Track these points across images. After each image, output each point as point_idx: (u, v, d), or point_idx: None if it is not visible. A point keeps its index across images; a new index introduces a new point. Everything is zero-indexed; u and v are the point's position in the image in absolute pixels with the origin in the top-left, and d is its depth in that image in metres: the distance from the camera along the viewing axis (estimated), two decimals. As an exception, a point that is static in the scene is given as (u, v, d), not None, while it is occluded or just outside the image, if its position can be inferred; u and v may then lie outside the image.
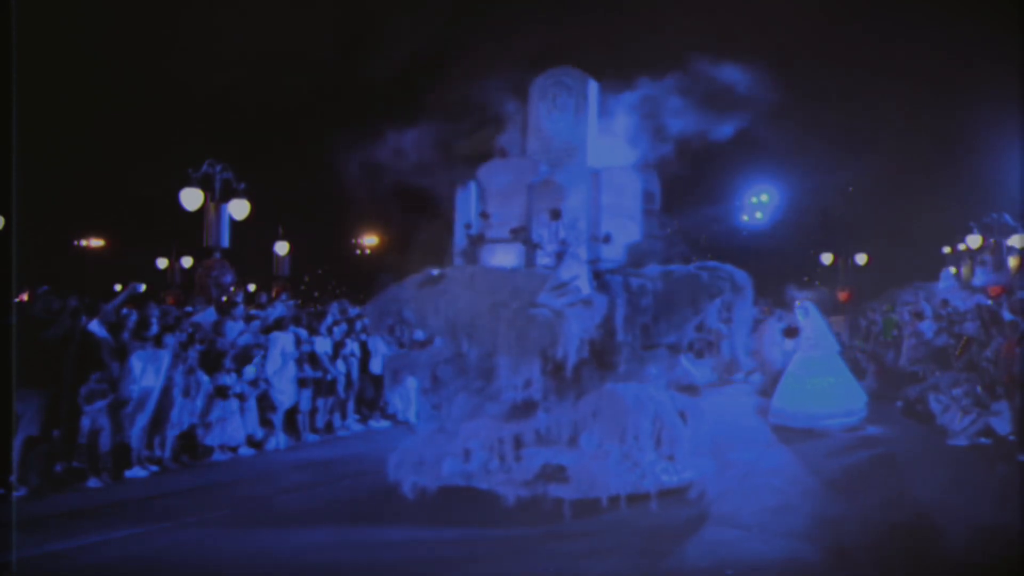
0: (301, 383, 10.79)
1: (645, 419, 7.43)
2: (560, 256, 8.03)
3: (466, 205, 8.85)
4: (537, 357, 7.31)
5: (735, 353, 16.13)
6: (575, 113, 8.82)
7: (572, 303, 7.50)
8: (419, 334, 10.84)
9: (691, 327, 8.48)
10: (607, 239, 8.42)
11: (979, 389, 10.06)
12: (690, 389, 8.35)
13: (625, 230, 8.76)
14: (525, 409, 7.58)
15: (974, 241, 23.86)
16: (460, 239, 8.78)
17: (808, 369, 11.45)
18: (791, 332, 12.25)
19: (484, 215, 8.69)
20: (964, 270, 25.92)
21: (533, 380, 7.40)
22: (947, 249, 29.09)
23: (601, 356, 7.82)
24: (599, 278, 8.02)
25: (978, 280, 22.82)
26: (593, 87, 8.94)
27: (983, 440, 9.67)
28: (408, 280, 8.22)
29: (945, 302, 15.29)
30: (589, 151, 8.79)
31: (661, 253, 8.77)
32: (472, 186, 8.89)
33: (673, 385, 8.33)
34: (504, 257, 8.51)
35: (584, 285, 7.74)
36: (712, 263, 8.39)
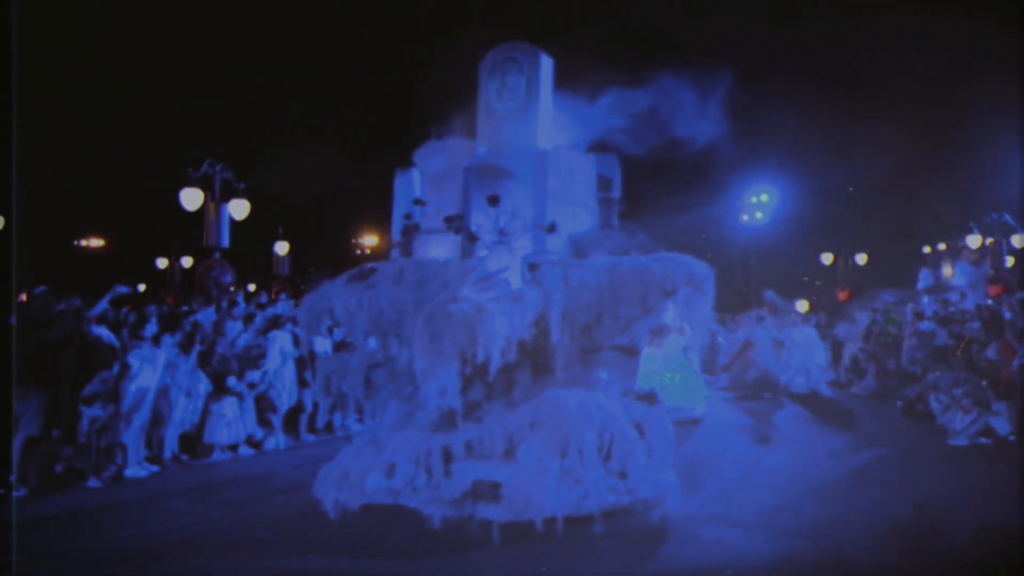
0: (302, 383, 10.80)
1: (590, 430, 6.57)
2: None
3: (406, 193, 8.09)
4: (455, 359, 6.50)
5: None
6: (527, 91, 8.01)
7: (498, 298, 6.71)
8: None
9: (644, 328, 7.44)
10: (552, 228, 7.59)
11: (984, 383, 10.05)
12: (649, 398, 7.77)
13: (575, 219, 7.95)
14: (454, 418, 6.81)
15: (974, 241, 23.83)
16: (398, 230, 8.05)
17: (648, 365, 11.30)
18: (660, 330, 12.15)
19: (419, 202, 7.91)
20: (945, 270, 25.97)
21: (449, 385, 6.59)
22: (927, 249, 29.12)
23: (537, 359, 7.03)
24: (535, 270, 7.18)
25: (957, 280, 22.83)
26: (547, 63, 8.12)
27: (983, 440, 9.67)
28: (342, 276, 7.49)
29: (946, 302, 15.28)
30: (541, 132, 8.00)
31: (617, 245, 7.83)
32: (413, 172, 8.13)
33: (630, 393, 7.54)
34: (439, 249, 7.75)
35: (514, 278, 6.97)
36: (667, 254, 7.47)
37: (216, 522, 6.91)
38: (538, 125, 8.05)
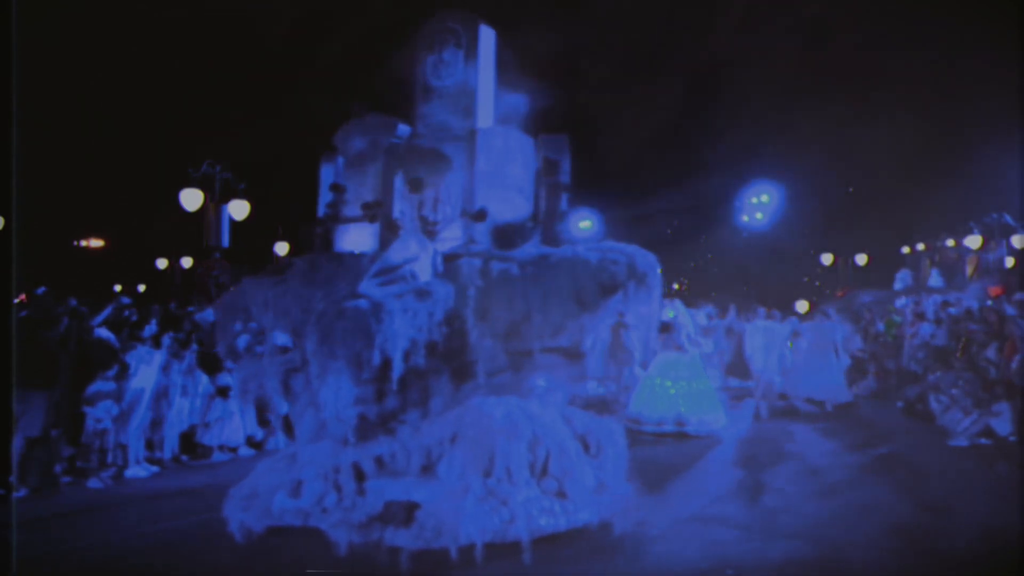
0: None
1: (518, 444, 5.82)
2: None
3: (331, 180, 7.47)
4: (348, 363, 5.82)
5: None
6: (465, 65, 7.34)
7: (401, 293, 6.01)
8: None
9: (586, 326, 6.68)
10: (481, 215, 6.89)
11: (983, 384, 10.06)
12: (601, 406, 7.13)
13: (510, 205, 7.24)
14: (365, 430, 6.08)
15: (974, 241, 23.86)
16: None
17: (666, 372, 10.85)
18: (662, 327, 11.17)
19: (336, 187, 7.23)
20: (924, 271, 26.08)
21: (342, 393, 5.91)
22: (906, 249, 29.17)
23: (456, 364, 6.27)
24: (453, 262, 6.43)
25: (933, 282, 22.90)
26: (488, 34, 7.44)
27: (983, 440, 9.67)
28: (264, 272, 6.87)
29: (946, 303, 15.28)
30: (480, 110, 7.33)
31: (558, 234, 7.24)
32: (339, 158, 7.50)
33: (578, 401, 6.92)
34: (361, 239, 7.11)
35: (423, 270, 6.24)
36: (608, 244, 6.69)
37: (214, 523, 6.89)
38: (477, 103, 7.37)
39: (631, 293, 6.42)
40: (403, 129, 7.34)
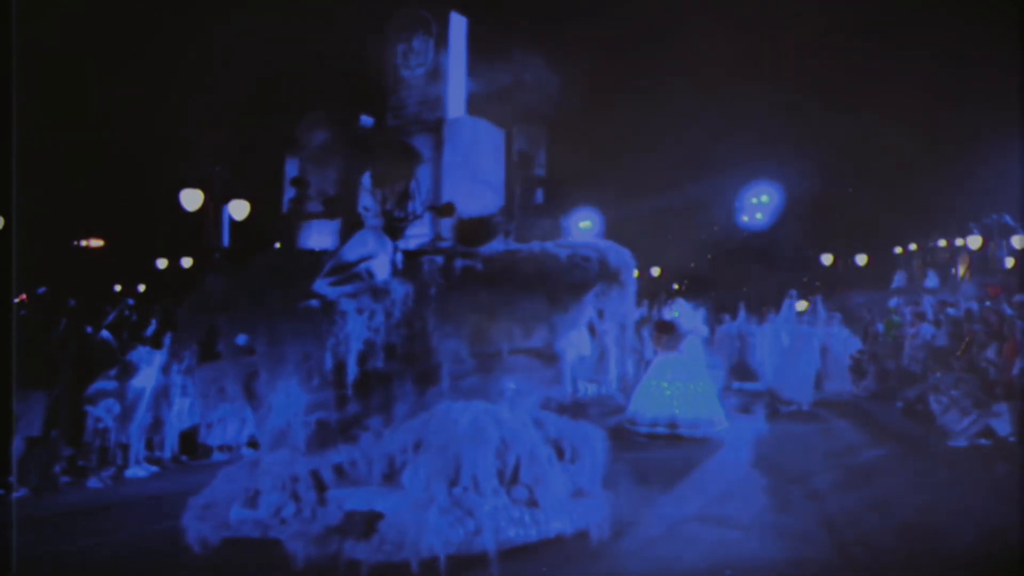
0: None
1: (486, 451, 5.56)
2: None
3: (294, 174, 7.30)
4: (298, 366, 5.62)
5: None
6: (435, 55, 7.13)
7: (356, 292, 5.77)
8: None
9: (559, 327, 6.27)
10: (448, 210, 6.61)
11: (983, 384, 10.07)
12: (578, 408, 6.89)
13: (479, 199, 6.94)
14: (325, 437, 5.82)
15: (974, 242, 23.85)
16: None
17: (663, 373, 10.69)
18: (664, 327, 11.01)
19: (298, 182, 7.00)
20: (917, 271, 26.12)
21: (291, 398, 5.69)
22: (898, 250, 29.18)
23: (420, 367, 5.98)
24: (414, 259, 6.16)
25: (929, 282, 22.93)
26: (458, 22, 7.24)
27: (983, 441, 9.68)
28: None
29: (943, 303, 15.28)
30: (451, 100, 7.13)
31: (534, 228, 6.95)
32: (304, 151, 7.32)
33: (553, 404, 6.62)
34: (322, 235, 6.91)
35: (380, 268, 5.98)
36: (580, 240, 6.38)
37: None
38: (447, 93, 7.16)
39: (604, 291, 6.14)
40: (366, 120, 7.17)
